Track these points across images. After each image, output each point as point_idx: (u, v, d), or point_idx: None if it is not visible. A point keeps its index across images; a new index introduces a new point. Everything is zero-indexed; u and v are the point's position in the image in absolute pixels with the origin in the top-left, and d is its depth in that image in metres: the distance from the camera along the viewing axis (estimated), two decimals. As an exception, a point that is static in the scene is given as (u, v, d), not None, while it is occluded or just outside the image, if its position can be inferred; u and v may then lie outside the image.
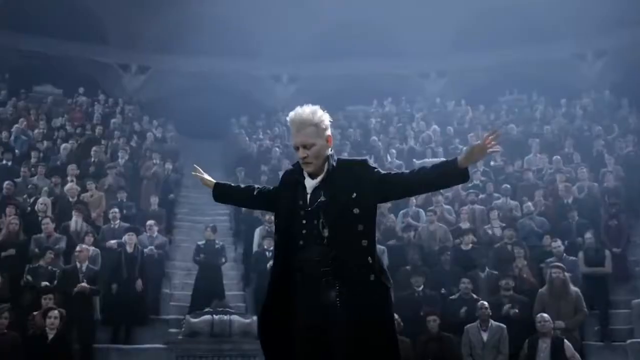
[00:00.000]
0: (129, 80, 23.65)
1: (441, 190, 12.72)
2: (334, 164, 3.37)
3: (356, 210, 3.26)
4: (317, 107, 3.37)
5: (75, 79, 21.34)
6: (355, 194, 3.28)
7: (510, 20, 22.19)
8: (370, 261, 3.26)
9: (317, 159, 3.33)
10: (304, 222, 3.32)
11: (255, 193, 3.72)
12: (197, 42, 21.62)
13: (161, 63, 23.57)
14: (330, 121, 3.41)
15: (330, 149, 3.41)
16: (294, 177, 3.46)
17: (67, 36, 22.27)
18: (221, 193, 3.84)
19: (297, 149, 3.35)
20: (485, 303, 8.58)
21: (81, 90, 20.15)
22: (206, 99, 22.42)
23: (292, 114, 3.35)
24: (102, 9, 23.34)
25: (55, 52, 22.52)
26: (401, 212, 11.91)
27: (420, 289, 9.35)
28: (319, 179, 3.35)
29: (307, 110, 3.34)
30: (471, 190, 12.49)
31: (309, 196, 3.35)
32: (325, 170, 3.35)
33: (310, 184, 3.37)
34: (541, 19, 22.63)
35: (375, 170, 3.40)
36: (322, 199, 3.30)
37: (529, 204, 11.55)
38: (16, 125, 15.45)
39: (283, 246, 3.41)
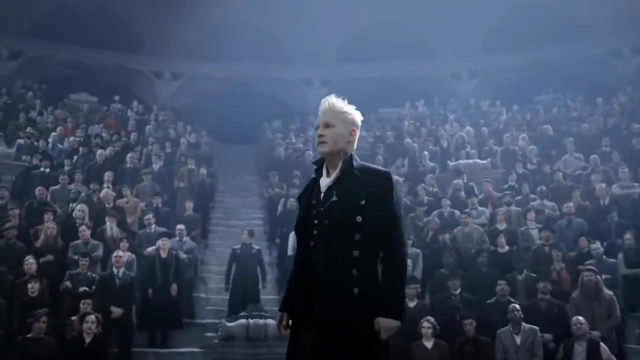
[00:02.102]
0: (162, 87, 23.96)
1: (475, 191, 12.64)
2: (353, 164, 3.24)
3: (359, 219, 3.13)
4: (353, 106, 3.34)
5: (110, 87, 21.72)
6: (364, 201, 3.15)
7: (543, 18, 21.94)
8: (355, 273, 3.09)
9: (334, 142, 3.24)
10: (316, 222, 3.22)
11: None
12: (228, 48, 21.82)
13: (194, 69, 23.82)
14: (361, 120, 3.35)
15: (353, 146, 3.31)
16: (313, 177, 3.40)
17: (102, 45, 22.68)
18: (296, 302, 3.31)
19: (317, 129, 3.31)
20: (517, 306, 8.44)
21: (116, 97, 20.44)
22: (238, 103, 22.58)
23: (324, 99, 3.32)
24: (135, 18, 23.71)
25: (90, 61, 22.96)
26: (435, 211, 11.82)
27: (457, 292, 9.25)
28: (333, 177, 3.24)
29: (340, 101, 3.31)
30: (507, 192, 12.33)
31: (322, 195, 3.25)
32: (339, 167, 3.24)
33: (324, 182, 3.28)
34: (575, 16, 22.34)
35: (394, 197, 3.21)
36: (334, 199, 3.19)
37: (571, 204, 11.31)
38: (53, 133, 15.76)
39: (300, 247, 3.34)
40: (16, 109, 18.01)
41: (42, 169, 13.00)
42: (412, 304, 9.05)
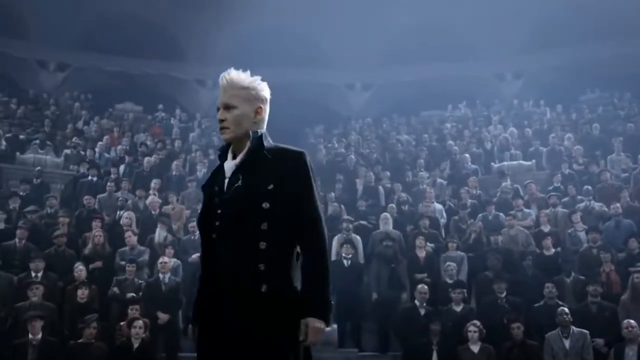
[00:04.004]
0: (204, 94, 24.21)
1: (521, 193, 12.45)
2: (264, 144, 2.87)
3: (266, 205, 2.72)
4: (257, 77, 2.96)
5: (154, 96, 22.07)
6: (272, 186, 2.75)
7: (587, 16, 21.52)
8: (262, 268, 2.69)
9: (236, 126, 2.85)
10: (219, 211, 2.82)
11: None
12: (270, 54, 21.92)
13: (235, 76, 23.97)
14: (270, 96, 3.01)
15: (262, 125, 2.96)
16: (219, 164, 3.01)
17: (145, 55, 23.08)
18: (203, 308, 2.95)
19: (218, 110, 2.91)
20: (566, 309, 8.30)
21: (160, 106, 20.77)
22: (280, 109, 22.32)
23: (222, 75, 2.90)
24: (177, 27, 24.06)
25: (135, 71, 23.40)
26: (480, 215, 11.68)
27: (503, 295, 9.13)
28: (238, 159, 2.86)
29: (242, 74, 2.92)
30: (553, 194, 12.13)
31: (226, 181, 2.85)
32: (246, 148, 2.87)
33: (229, 165, 2.89)
34: (621, 13, 21.82)
35: (310, 180, 2.85)
36: (240, 184, 2.79)
37: (618, 205, 11.05)
38: (100, 143, 16.10)
39: (203, 242, 2.93)
40: (64, 119, 18.47)
41: (89, 178, 13.28)
42: (458, 308, 8.98)
